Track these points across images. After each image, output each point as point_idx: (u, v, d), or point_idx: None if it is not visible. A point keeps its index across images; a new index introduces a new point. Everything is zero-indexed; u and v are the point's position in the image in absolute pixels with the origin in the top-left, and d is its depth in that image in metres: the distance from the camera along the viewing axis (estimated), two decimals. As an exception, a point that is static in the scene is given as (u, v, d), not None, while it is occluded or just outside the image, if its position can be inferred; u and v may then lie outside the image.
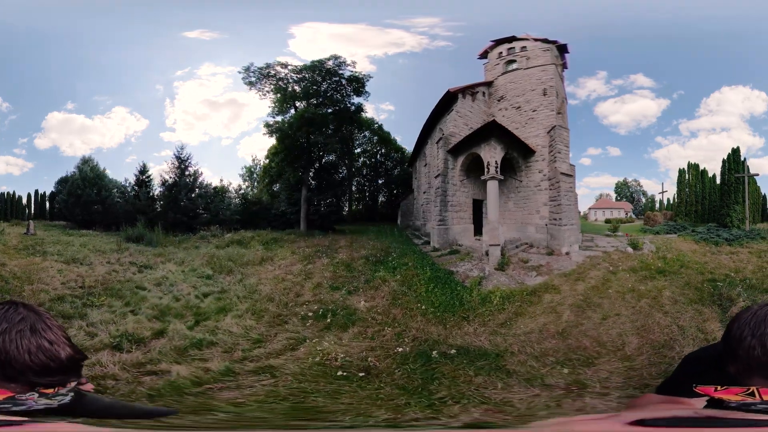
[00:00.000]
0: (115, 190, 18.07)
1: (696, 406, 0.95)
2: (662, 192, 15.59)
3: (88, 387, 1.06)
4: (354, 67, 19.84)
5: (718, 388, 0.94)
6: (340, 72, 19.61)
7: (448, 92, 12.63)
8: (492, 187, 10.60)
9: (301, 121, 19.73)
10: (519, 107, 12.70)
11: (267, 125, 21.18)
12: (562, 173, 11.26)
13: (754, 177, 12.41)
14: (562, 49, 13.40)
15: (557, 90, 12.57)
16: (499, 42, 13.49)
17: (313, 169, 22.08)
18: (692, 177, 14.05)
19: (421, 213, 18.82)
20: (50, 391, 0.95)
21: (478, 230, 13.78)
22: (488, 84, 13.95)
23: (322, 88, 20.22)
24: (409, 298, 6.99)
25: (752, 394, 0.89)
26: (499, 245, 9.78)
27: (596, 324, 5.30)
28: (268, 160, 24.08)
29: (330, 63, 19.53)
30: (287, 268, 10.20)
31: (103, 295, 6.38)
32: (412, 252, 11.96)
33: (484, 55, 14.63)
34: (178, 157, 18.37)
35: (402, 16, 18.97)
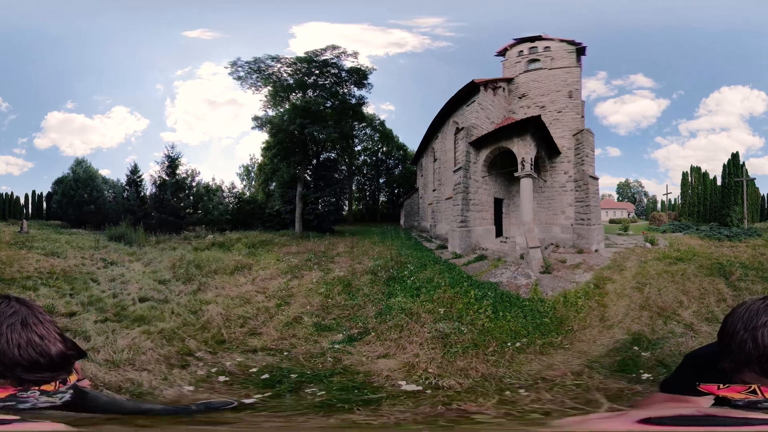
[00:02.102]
0: (111, 190, 19.18)
1: (702, 404, 0.98)
2: (667, 193, 17.61)
3: (85, 383, 1.08)
4: (356, 57, 19.83)
5: (721, 386, 0.98)
6: (340, 63, 19.52)
7: (472, 82, 12.73)
8: (526, 185, 11.18)
9: (294, 112, 19.31)
10: (543, 107, 13.55)
11: (256, 118, 20.56)
12: (591, 176, 12.34)
13: (753, 180, 14.64)
14: (580, 51, 14.57)
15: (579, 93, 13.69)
16: (521, 40, 14.31)
17: (311, 166, 21.70)
18: (695, 179, 16.12)
19: (430, 213, 19.15)
20: (50, 388, 0.98)
21: (498, 231, 14.42)
22: (508, 80, 14.71)
23: (320, 81, 19.95)
24: (471, 335, 5.04)
25: (754, 392, 0.93)
26: (539, 247, 10.40)
27: (657, 295, 7.19)
28: (262, 157, 23.46)
29: (328, 54, 19.33)
30: (263, 282, 8.58)
31: (60, 279, 7.93)
32: (430, 260, 10.68)
33: (502, 52, 15.37)
34: (168, 156, 18.78)
35: (406, 17, 19.43)
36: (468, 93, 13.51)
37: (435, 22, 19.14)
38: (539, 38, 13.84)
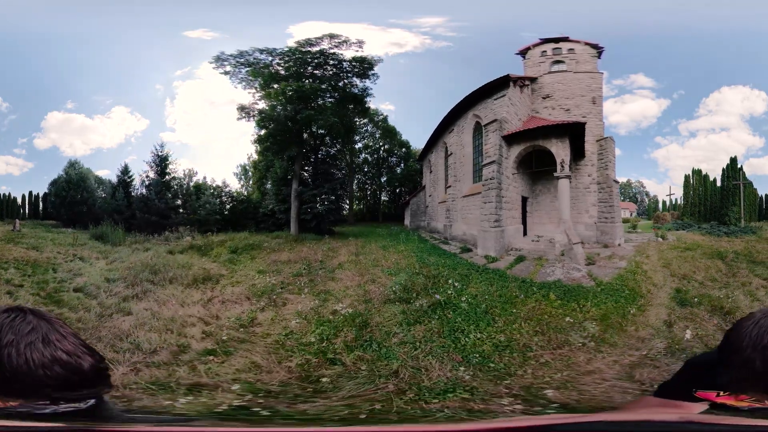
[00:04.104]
0: (105, 191, 20.77)
1: (693, 410, 1.01)
2: (670, 194, 20.14)
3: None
4: (360, 47, 19.88)
5: (720, 393, 1.01)
6: (339, 54, 19.49)
7: (507, 76, 13.57)
8: (564, 185, 12.32)
9: (285, 98, 19.04)
10: (568, 110, 14.88)
11: (241, 108, 19.99)
12: (614, 180, 14.02)
13: (750, 183, 17.41)
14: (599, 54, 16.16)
15: (600, 98, 15.22)
16: (545, 41, 15.54)
17: (309, 162, 21.49)
18: (696, 181, 18.68)
19: (443, 212, 19.75)
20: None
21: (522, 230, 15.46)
22: (531, 80, 15.88)
23: (317, 73, 19.82)
24: (601, 326, 5.63)
25: (759, 400, 0.94)
26: (580, 243, 11.60)
27: (679, 268, 10.07)
28: (256, 154, 23.24)
29: (325, 44, 19.25)
30: (221, 305, 7.12)
31: (28, 265, 9.91)
32: (466, 268, 9.93)
33: (524, 51, 16.58)
34: (158, 156, 19.45)
35: (406, 16, 20.30)
36: (495, 87, 14.07)
37: (436, 22, 20.12)
38: (564, 40, 15.12)
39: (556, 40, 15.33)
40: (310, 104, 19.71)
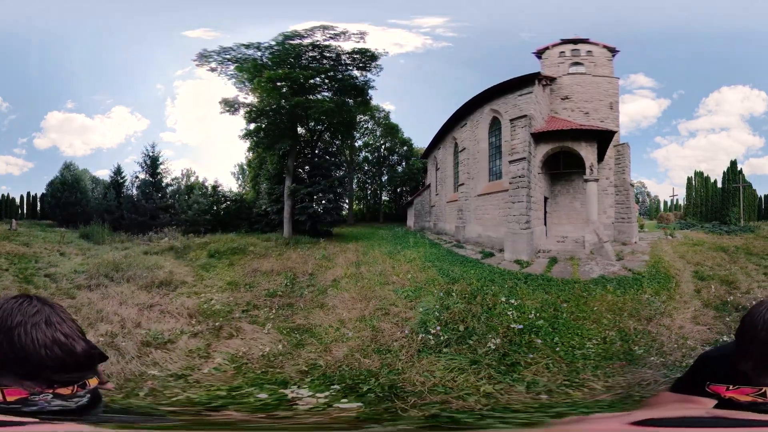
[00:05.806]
0: (101, 191, 21.70)
1: (708, 405, 1.09)
2: (673, 195, 22.14)
3: (109, 386, 1.14)
4: (362, 38, 19.79)
5: (730, 387, 1.08)
6: (334, 45, 19.36)
7: (538, 73, 14.36)
8: (593, 188, 13.33)
9: (271, 86, 18.74)
10: (587, 113, 15.92)
11: (225, 102, 19.53)
12: (630, 184, 15.40)
13: (749, 184, 19.55)
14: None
15: (615, 105, 16.42)
16: (564, 41, 16.47)
17: (304, 158, 21.21)
18: (698, 183, 20.71)
19: (453, 212, 20.22)
20: (67, 392, 1.06)
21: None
22: (551, 79, 16.75)
23: (313, 65, 19.62)
24: (663, 298, 8.10)
25: (763, 395, 1.01)
26: (609, 241, 12.60)
27: (693, 257, 12.52)
28: (249, 151, 22.92)
29: (318, 35, 19.05)
30: (159, 316, 6.60)
31: (15, 257, 11.61)
32: (511, 279, 9.63)
33: (540, 52, 17.46)
34: (149, 156, 19.92)
35: (407, 16, 20.99)
36: (518, 83, 14.50)
37: (436, 22, 20.97)
38: (583, 41, 16.12)
39: (575, 42, 16.30)
40: (305, 95, 19.49)
